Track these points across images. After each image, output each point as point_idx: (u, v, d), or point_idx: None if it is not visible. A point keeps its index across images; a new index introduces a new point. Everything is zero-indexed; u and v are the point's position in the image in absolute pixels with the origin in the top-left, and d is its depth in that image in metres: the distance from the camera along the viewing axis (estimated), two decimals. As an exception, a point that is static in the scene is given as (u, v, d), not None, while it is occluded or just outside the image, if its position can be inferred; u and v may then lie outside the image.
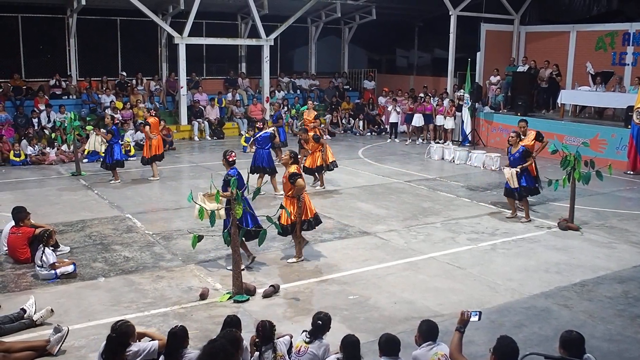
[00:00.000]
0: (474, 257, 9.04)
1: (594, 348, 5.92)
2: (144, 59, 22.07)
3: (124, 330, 5.14)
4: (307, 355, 5.24)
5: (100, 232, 10.03)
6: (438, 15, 22.31)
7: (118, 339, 5.08)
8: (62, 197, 12.40)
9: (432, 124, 20.11)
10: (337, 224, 10.68)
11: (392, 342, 4.95)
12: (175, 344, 5.09)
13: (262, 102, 21.73)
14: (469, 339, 5.93)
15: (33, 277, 8.05)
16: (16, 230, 8.60)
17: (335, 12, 23.18)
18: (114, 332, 5.10)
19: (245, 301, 7.29)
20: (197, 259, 8.78)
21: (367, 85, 25.17)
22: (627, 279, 8.23)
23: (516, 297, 7.60)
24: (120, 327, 5.14)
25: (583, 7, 20.03)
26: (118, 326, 5.15)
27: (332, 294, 7.64)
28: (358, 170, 15.31)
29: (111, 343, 5.07)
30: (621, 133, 15.77)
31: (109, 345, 5.07)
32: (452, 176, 15.04)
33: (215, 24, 22.53)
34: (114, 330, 5.13)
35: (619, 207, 12.08)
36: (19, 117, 17.82)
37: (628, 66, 18.61)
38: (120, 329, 5.13)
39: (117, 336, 5.08)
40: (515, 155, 10.84)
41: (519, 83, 19.28)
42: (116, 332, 5.10)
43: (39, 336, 6.33)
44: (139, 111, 19.57)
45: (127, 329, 5.18)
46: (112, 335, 5.10)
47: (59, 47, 20.43)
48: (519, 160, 10.77)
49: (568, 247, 9.56)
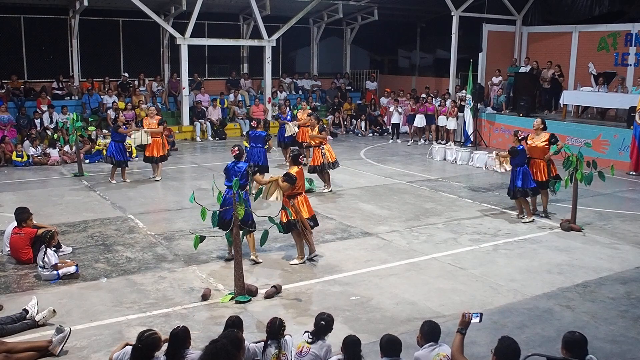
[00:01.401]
0: (476, 258, 9.03)
1: (597, 349, 5.92)
2: (146, 59, 22.09)
3: (150, 342, 4.90)
4: (309, 356, 5.23)
5: (102, 233, 10.04)
6: (440, 15, 22.32)
7: (143, 351, 4.87)
8: (64, 198, 12.42)
9: (434, 125, 20.12)
10: (339, 225, 10.68)
11: (394, 343, 4.95)
12: (177, 344, 5.05)
13: (264, 102, 21.74)
14: (471, 339, 5.93)
15: (35, 277, 8.06)
16: (18, 231, 8.61)
17: (337, 12, 23.19)
18: (140, 343, 4.89)
19: (247, 302, 7.29)
20: (199, 259, 8.78)
21: (369, 86, 25.18)
22: (629, 280, 8.22)
23: (518, 298, 7.59)
24: (147, 339, 4.90)
25: (585, 8, 19.99)
26: (145, 337, 4.90)
27: (334, 294, 7.64)
28: (360, 171, 15.31)
29: (136, 354, 4.88)
30: (623, 134, 15.75)
31: (135, 356, 4.89)
32: (454, 177, 15.03)
33: (217, 25, 22.55)
34: (140, 340, 4.91)
35: (622, 208, 12.06)
36: (21, 117, 17.85)
37: (630, 67, 18.59)
38: (147, 340, 4.89)
39: (142, 347, 4.87)
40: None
41: (521, 84, 19.27)
42: (142, 342, 4.88)
43: (41, 337, 6.33)
44: (141, 112, 19.59)
45: (153, 340, 4.92)
46: (138, 345, 4.89)
47: (61, 48, 20.46)
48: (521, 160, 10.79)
49: (570, 248, 9.54)
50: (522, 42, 21.80)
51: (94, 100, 19.64)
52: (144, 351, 4.89)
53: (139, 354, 4.90)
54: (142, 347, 4.89)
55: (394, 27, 25.64)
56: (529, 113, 18.40)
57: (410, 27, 26.26)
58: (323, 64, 26.14)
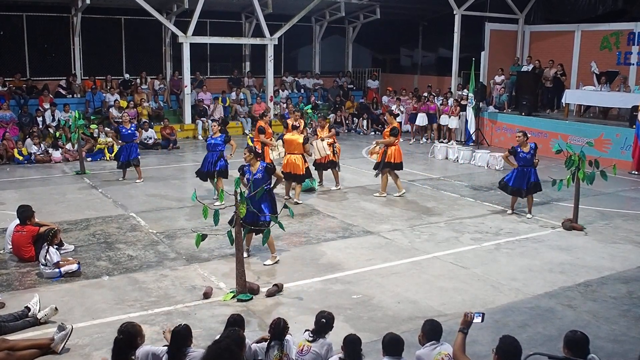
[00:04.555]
0: (477, 257, 9.03)
1: (598, 348, 5.91)
2: (148, 58, 22.09)
3: (131, 331, 5.03)
4: (310, 355, 5.23)
5: (104, 231, 10.05)
6: (442, 14, 22.31)
7: (125, 341, 4.97)
8: (66, 196, 12.43)
9: (435, 124, 20.11)
10: (340, 223, 10.68)
11: (396, 342, 4.95)
12: (179, 342, 5.06)
13: (266, 101, 21.75)
14: (473, 338, 5.92)
15: (37, 275, 8.06)
16: (21, 229, 8.62)
17: (339, 11, 23.19)
18: (120, 334, 5.00)
19: (248, 300, 7.29)
20: (201, 257, 8.78)
21: (371, 85, 25.15)
22: (631, 279, 8.21)
23: (520, 297, 7.58)
24: (126, 328, 5.03)
25: (588, 7, 19.96)
26: (124, 327, 5.04)
27: (336, 293, 7.64)
28: (362, 170, 15.29)
29: (118, 345, 4.97)
30: (626, 133, 15.73)
31: (117, 347, 4.98)
32: (456, 176, 15.02)
33: (219, 23, 22.56)
34: (120, 332, 5.02)
35: (624, 207, 12.05)
36: (23, 115, 17.87)
37: (633, 66, 18.55)
38: (126, 330, 5.02)
39: (124, 337, 4.97)
40: (528, 154, 10.84)
41: (524, 83, 19.24)
42: (123, 333, 4.99)
43: (43, 334, 6.35)
44: (142, 110, 19.62)
45: (133, 328, 5.05)
46: (119, 337, 4.99)
47: (63, 46, 20.47)
48: (531, 159, 10.80)
49: (572, 247, 9.53)
50: (525, 41, 21.76)
51: (97, 98, 19.67)
52: (126, 341, 4.97)
53: (121, 344, 4.97)
54: (123, 338, 4.98)
55: (396, 26, 25.61)
56: (531, 112, 18.39)
57: (412, 25, 26.24)
58: (325, 62, 26.13)
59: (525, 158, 10.86)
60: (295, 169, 11.77)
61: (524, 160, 10.90)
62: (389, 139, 12.37)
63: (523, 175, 10.93)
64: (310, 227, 10.40)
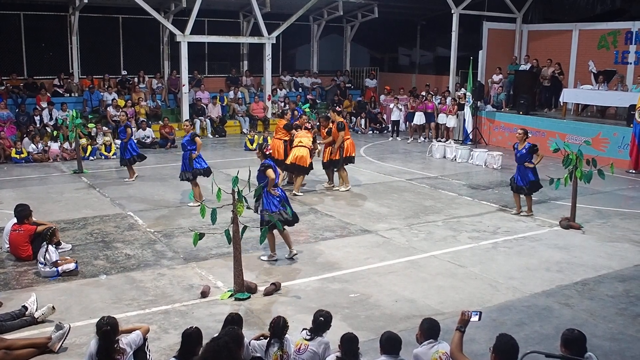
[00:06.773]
0: (475, 256, 9.04)
1: (596, 347, 5.92)
2: (146, 56, 22.08)
3: (113, 322, 5.16)
4: (307, 353, 5.24)
5: (101, 230, 10.04)
6: (440, 13, 22.31)
7: (109, 333, 5.10)
8: (63, 195, 12.41)
9: (433, 122, 20.11)
10: (338, 222, 10.68)
11: (393, 341, 4.96)
12: (190, 344, 5.02)
13: (264, 100, 21.74)
14: (470, 337, 5.94)
15: (35, 274, 8.06)
16: (18, 228, 8.61)
17: (337, 10, 23.19)
18: (107, 326, 5.12)
19: (246, 299, 7.29)
20: (198, 256, 8.78)
21: (369, 84, 25.15)
22: (628, 278, 8.23)
23: (517, 295, 7.59)
24: (108, 321, 5.15)
25: (586, 6, 19.99)
26: (105, 321, 5.15)
27: (333, 292, 7.64)
28: (360, 169, 15.29)
29: (104, 337, 5.09)
30: (623, 132, 15.74)
31: (103, 341, 5.09)
32: (453, 174, 15.03)
33: (217, 22, 22.55)
34: (102, 326, 5.12)
35: (621, 206, 12.07)
36: (20, 114, 17.84)
37: (630, 65, 18.57)
38: (108, 322, 5.14)
39: (110, 329, 5.10)
40: (522, 152, 10.88)
41: (521, 82, 19.27)
42: (105, 325, 5.11)
43: (41, 333, 6.34)
44: (140, 109, 19.60)
45: (114, 320, 5.20)
46: (106, 328, 5.09)
47: (61, 45, 20.44)
48: (526, 156, 10.83)
49: (569, 245, 9.55)
50: (523, 40, 21.78)
51: (95, 97, 19.64)
52: (110, 334, 5.10)
53: (106, 336, 5.09)
54: (110, 329, 5.11)
55: (394, 25, 25.62)
56: (529, 111, 18.40)
57: (410, 24, 26.24)
58: (323, 61, 26.13)
59: (520, 155, 10.89)
60: (301, 161, 12.14)
61: (518, 158, 10.93)
62: (330, 138, 12.91)
63: (524, 173, 10.95)
64: (308, 226, 10.40)
